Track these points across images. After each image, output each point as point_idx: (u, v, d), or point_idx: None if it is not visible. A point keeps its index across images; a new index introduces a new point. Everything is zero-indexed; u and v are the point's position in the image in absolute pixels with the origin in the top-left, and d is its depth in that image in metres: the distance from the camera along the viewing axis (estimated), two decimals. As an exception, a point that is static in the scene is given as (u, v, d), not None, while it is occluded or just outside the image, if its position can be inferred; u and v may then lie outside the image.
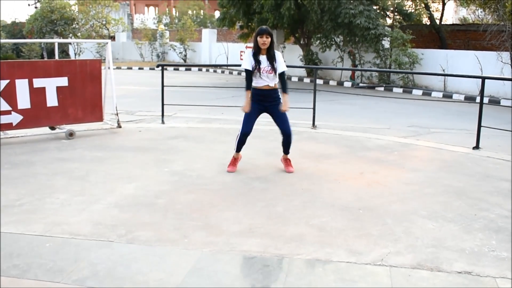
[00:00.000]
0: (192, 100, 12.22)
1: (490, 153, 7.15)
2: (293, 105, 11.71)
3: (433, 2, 20.29)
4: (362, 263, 3.56)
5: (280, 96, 5.86)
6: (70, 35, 30.60)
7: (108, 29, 32.25)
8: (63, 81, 7.98)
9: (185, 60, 28.63)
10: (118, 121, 8.42)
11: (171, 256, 3.64)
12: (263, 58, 5.66)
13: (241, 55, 24.57)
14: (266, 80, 5.70)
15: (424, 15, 19.01)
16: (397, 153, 7.11)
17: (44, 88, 7.82)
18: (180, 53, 28.65)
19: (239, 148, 6.03)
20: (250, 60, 5.69)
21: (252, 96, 5.80)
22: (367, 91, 16.15)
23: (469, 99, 14.19)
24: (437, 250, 3.80)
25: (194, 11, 45.69)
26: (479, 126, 7.42)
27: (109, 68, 8.60)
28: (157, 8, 54.63)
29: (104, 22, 31.71)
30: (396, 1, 17.33)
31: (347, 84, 17.55)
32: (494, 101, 13.57)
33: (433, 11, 19.90)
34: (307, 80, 19.08)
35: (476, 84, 14.12)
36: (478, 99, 13.74)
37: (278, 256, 3.64)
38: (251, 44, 21.08)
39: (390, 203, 4.87)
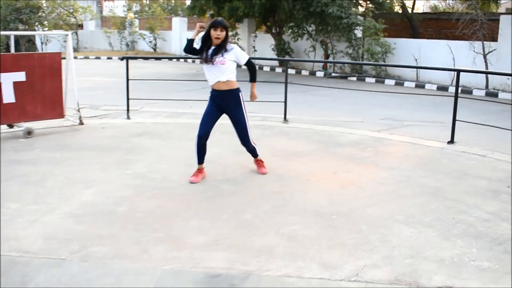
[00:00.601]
0: (160, 92, 11.83)
1: (465, 148, 6.98)
2: (264, 97, 11.49)
3: (405, -10, 20.14)
4: (336, 279, 3.30)
5: (240, 97, 5.36)
6: (36, 23, 29.64)
7: (75, 18, 31.33)
8: (20, 76, 7.51)
9: (155, 50, 28.02)
10: (80, 117, 8.01)
11: (128, 275, 3.32)
12: (215, 49, 5.15)
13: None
14: (216, 74, 5.18)
15: (396, 4, 18.87)
16: (371, 149, 6.88)
17: (-1, 84, 7.37)
18: (150, 42, 28.02)
19: (200, 158, 5.39)
20: (200, 43, 5.20)
21: (210, 95, 5.39)
22: (339, 81, 15.95)
23: (442, 89, 14.09)
24: (415, 261, 3.56)
25: (165, -1, 44.74)
26: (454, 120, 7.24)
27: (70, 60, 8.12)
28: (127, -5, 53.45)
29: (71, 10, 30.79)
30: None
31: (320, 74, 17.32)
32: (467, 91, 13.50)
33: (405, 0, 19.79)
34: (279, 70, 18.77)
35: (448, 74, 14.02)
36: (450, 89, 13.70)
37: (245, 273, 3.35)
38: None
39: (365, 207, 4.63)
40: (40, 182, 5.27)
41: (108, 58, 25.64)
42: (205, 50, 5.20)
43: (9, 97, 7.47)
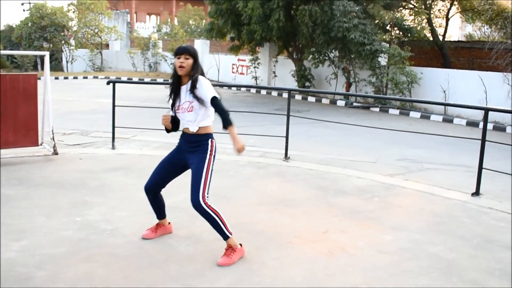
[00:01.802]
0: (159, 117, 10.95)
1: (493, 203, 5.83)
2: (269, 129, 10.56)
3: (436, 17, 19.02)
4: None
5: (208, 144, 4.04)
6: (62, 42, 29.52)
7: (100, 37, 31.15)
8: (-11, 99, 6.75)
9: (177, 72, 27.40)
10: (54, 146, 7.15)
11: None
12: (183, 90, 4.00)
13: (233, 68, 23.41)
14: (185, 122, 4.05)
15: (426, 31, 17.73)
16: (377, 199, 5.80)
17: (-35, 107, 6.60)
18: (171, 64, 27.44)
19: (157, 213, 4.39)
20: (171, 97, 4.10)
21: (179, 140, 4.22)
22: (360, 112, 14.87)
23: (472, 124, 12.87)
24: None
25: (195, 21, 44.53)
26: (480, 168, 6.12)
27: (47, 83, 7.31)
28: (158, 17, 53.71)
29: (96, 30, 30.62)
30: (396, 15, 16.07)
31: (341, 103, 16.27)
32: (499, 128, 12.26)
33: (436, 26, 18.63)
34: (298, 97, 17.81)
35: (479, 108, 12.79)
36: (481, 125, 12.46)
37: None
38: (243, 57, 19.64)
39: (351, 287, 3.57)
40: (-33, 229, 4.38)
41: (128, 79, 25.14)
42: (177, 93, 4.04)
43: (-24, 121, 6.70)
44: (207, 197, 3.87)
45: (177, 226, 4.60)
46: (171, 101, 4.09)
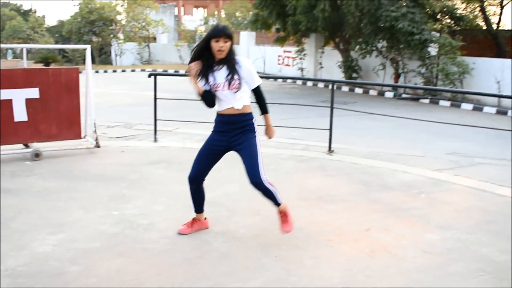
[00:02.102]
0: (204, 110, 10.91)
1: (549, 201, 5.46)
2: (314, 121, 10.31)
3: (490, 5, 18.22)
4: None
5: (253, 124, 4.03)
6: (111, 36, 30.06)
7: (147, 31, 31.55)
8: (34, 93, 6.84)
9: (222, 64, 27.43)
10: (96, 139, 7.19)
11: None
12: (218, 69, 3.88)
13: (279, 60, 23.19)
14: (228, 100, 3.93)
15: (479, 19, 17.00)
16: (424, 196, 5.53)
17: (10, 101, 6.71)
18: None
19: (196, 206, 4.30)
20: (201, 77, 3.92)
21: (215, 125, 4.10)
22: (409, 104, 14.40)
23: (528, 117, 12.25)
24: None
25: (242, 13, 44.46)
26: (536, 163, 5.74)
27: (89, 76, 7.35)
28: (205, 9, 53.95)
29: (143, 24, 31.02)
30: (446, 3, 15.46)
31: (389, 94, 15.83)
32: (558, 121, 11.62)
33: (490, 14, 17.85)
34: (345, 88, 17.45)
35: (536, 99, 12.17)
36: (538, 118, 11.85)
37: None
38: (289, 48, 19.55)
39: (393, 291, 3.37)
40: (8, 220, 4.42)
41: (175, 71, 25.33)
42: (208, 72, 3.90)
43: (21, 115, 6.82)
44: (264, 175, 3.95)
45: (213, 221, 4.49)
46: (203, 81, 3.91)
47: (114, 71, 25.48)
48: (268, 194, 4.05)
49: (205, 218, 4.42)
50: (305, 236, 4.26)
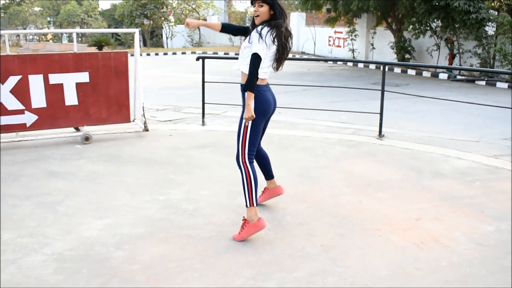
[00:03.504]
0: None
1: None
2: (363, 104, 10.06)
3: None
4: None
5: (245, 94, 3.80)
6: (163, 18, 30.35)
7: (198, 13, 31.65)
8: (84, 77, 6.94)
9: (272, 45, 27.23)
10: (145, 123, 7.24)
11: None
12: (252, 33, 3.76)
13: (329, 41, 22.79)
14: (240, 59, 3.89)
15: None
16: (479, 183, 5.29)
17: (61, 85, 6.85)
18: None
19: (264, 172, 4.37)
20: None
21: (259, 97, 3.79)
22: (464, 85, 13.85)
23: None
24: None
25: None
26: None
27: (137, 60, 7.38)
28: (256, -10, 53.58)
29: (194, 6, 31.14)
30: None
31: (443, 76, 15.28)
32: None
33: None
34: (397, 70, 16.97)
35: None
36: None
37: None
38: (340, 29, 19.25)
39: (444, 285, 3.21)
40: (56, 204, 4.51)
41: (224, 53, 25.34)
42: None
43: (71, 99, 6.94)
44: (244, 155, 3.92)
45: (259, 207, 4.41)
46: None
47: (165, 54, 25.72)
48: (242, 180, 3.89)
49: (278, 186, 4.43)
50: (352, 224, 4.14)
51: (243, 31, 4.13)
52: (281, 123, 7.99)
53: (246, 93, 3.68)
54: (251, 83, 3.63)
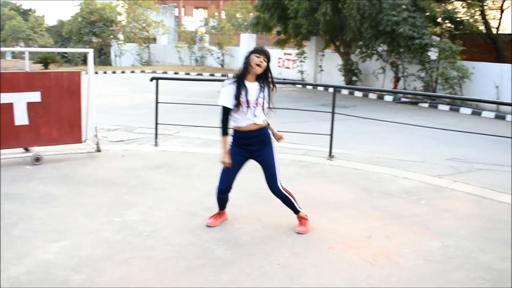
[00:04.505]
0: (205, 113, 10.93)
1: (549, 208, 5.49)
2: (314, 125, 10.34)
3: (490, 9, 18.25)
4: None
5: (270, 135, 4.53)
6: (111, 37, 30.08)
7: (148, 32, 31.55)
8: (35, 96, 6.85)
9: (222, 66, 27.49)
10: (97, 143, 7.20)
11: None
12: (252, 86, 4.30)
13: (279, 62, 23.21)
14: (252, 117, 4.28)
15: (480, 23, 17.02)
16: (425, 202, 5.56)
17: (11, 104, 6.72)
18: (217, 58, 27.53)
19: (221, 207, 4.71)
20: (232, 93, 4.26)
21: (234, 140, 4.43)
22: (409, 108, 14.44)
23: (527, 122, 12.28)
24: None
25: (242, 15, 44.49)
26: (536, 170, 5.77)
27: (91, 79, 7.36)
28: (206, 10, 53.98)
29: (144, 25, 31.03)
30: (447, 8, 15.49)
31: (388, 98, 15.86)
32: (557, 126, 11.64)
33: (489, 19, 17.88)
34: (345, 91, 17.48)
35: (536, 104, 12.18)
36: (537, 123, 11.89)
37: None
38: (289, 51, 19.69)
39: (395, 300, 3.39)
40: (10, 227, 4.43)
41: (174, 73, 25.35)
42: (243, 91, 4.26)
43: (22, 118, 6.82)
44: (281, 182, 4.47)
45: (216, 228, 4.52)
46: (233, 98, 4.24)
47: (114, 72, 25.47)
48: (287, 201, 4.54)
49: (225, 211, 4.79)
50: (307, 243, 4.28)
51: (228, 112, 4.35)
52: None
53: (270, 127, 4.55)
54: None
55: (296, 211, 4.59)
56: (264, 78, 4.33)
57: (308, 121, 10.94)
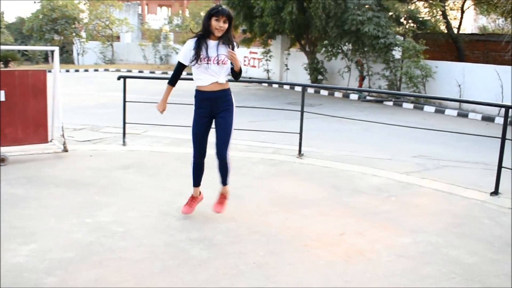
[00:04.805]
0: (173, 111, 10.83)
1: (513, 203, 5.66)
2: (283, 124, 10.39)
3: (451, 9, 18.72)
4: None
5: (232, 99, 4.59)
6: (73, 34, 29.49)
7: (111, 30, 31.08)
8: (-1, 95, 6.67)
9: (188, 64, 27.28)
10: (64, 143, 7.05)
11: None
12: (212, 44, 4.31)
13: (244, 61, 23.22)
14: (214, 74, 4.35)
15: (441, 23, 17.43)
16: (394, 199, 5.66)
17: (-26, 103, 6.53)
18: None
19: (196, 180, 4.77)
20: (189, 51, 4.34)
21: (197, 102, 4.51)
22: (374, 106, 14.67)
23: (487, 119, 12.64)
24: None
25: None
26: (500, 166, 5.94)
27: (57, 78, 7.20)
28: (170, 8, 53.47)
29: (107, 23, 30.56)
30: (410, 8, 15.79)
31: (353, 96, 16.07)
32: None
33: (451, 19, 18.33)
34: (311, 90, 17.61)
35: (495, 101, 12.54)
36: (497, 120, 12.27)
37: None
38: (255, 50, 19.84)
39: (371, 296, 3.44)
40: (-24, 231, 4.30)
41: (139, 72, 25.06)
42: (203, 47, 4.28)
43: (-15, 118, 6.63)
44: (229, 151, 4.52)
45: (190, 227, 4.50)
46: (191, 53, 4.30)
47: (77, 71, 25.01)
48: (225, 170, 4.60)
49: (200, 192, 4.84)
50: (281, 241, 4.30)
51: (182, 68, 4.52)
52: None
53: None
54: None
55: (226, 183, 4.68)
56: (226, 37, 4.30)
57: (276, 119, 10.98)
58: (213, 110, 4.47)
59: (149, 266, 3.74)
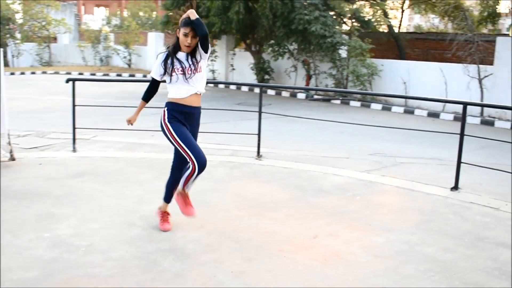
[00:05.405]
0: (122, 115, 10.47)
1: (473, 197, 5.77)
2: (237, 125, 10.27)
3: (391, 9, 19.16)
4: None
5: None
6: (7, 35, 28.17)
7: (48, 30, 29.89)
8: None
9: (129, 65, 26.68)
10: (11, 151, 6.64)
11: None
12: (182, 55, 4.16)
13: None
14: (193, 84, 4.19)
15: (383, 22, 17.81)
16: (359, 198, 5.64)
17: None
18: (124, 57, 26.66)
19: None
20: (159, 66, 4.23)
21: (173, 115, 4.24)
22: (322, 105, 14.77)
23: (433, 115, 12.99)
24: None
25: (146, 13, 43.38)
26: (459, 162, 6.05)
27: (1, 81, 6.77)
28: (107, 9, 52.14)
29: (44, 23, 29.36)
30: (354, 7, 16.03)
31: (301, 96, 16.14)
32: (460, 119, 12.38)
33: (390, 18, 18.76)
34: (257, 90, 17.54)
35: (439, 98, 12.91)
36: (442, 116, 12.64)
37: None
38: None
39: (355, 300, 3.36)
40: None
41: (79, 74, 24.23)
42: (175, 59, 4.15)
43: None
44: None
45: (158, 237, 4.29)
46: (161, 68, 4.20)
47: (12, 73, 23.88)
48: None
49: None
50: (256, 247, 4.16)
51: (156, 84, 4.42)
52: (156, 147, 7.81)
53: None
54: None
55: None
56: (196, 49, 4.13)
57: (227, 120, 10.84)
58: (185, 124, 4.28)
59: (121, 282, 3.51)
